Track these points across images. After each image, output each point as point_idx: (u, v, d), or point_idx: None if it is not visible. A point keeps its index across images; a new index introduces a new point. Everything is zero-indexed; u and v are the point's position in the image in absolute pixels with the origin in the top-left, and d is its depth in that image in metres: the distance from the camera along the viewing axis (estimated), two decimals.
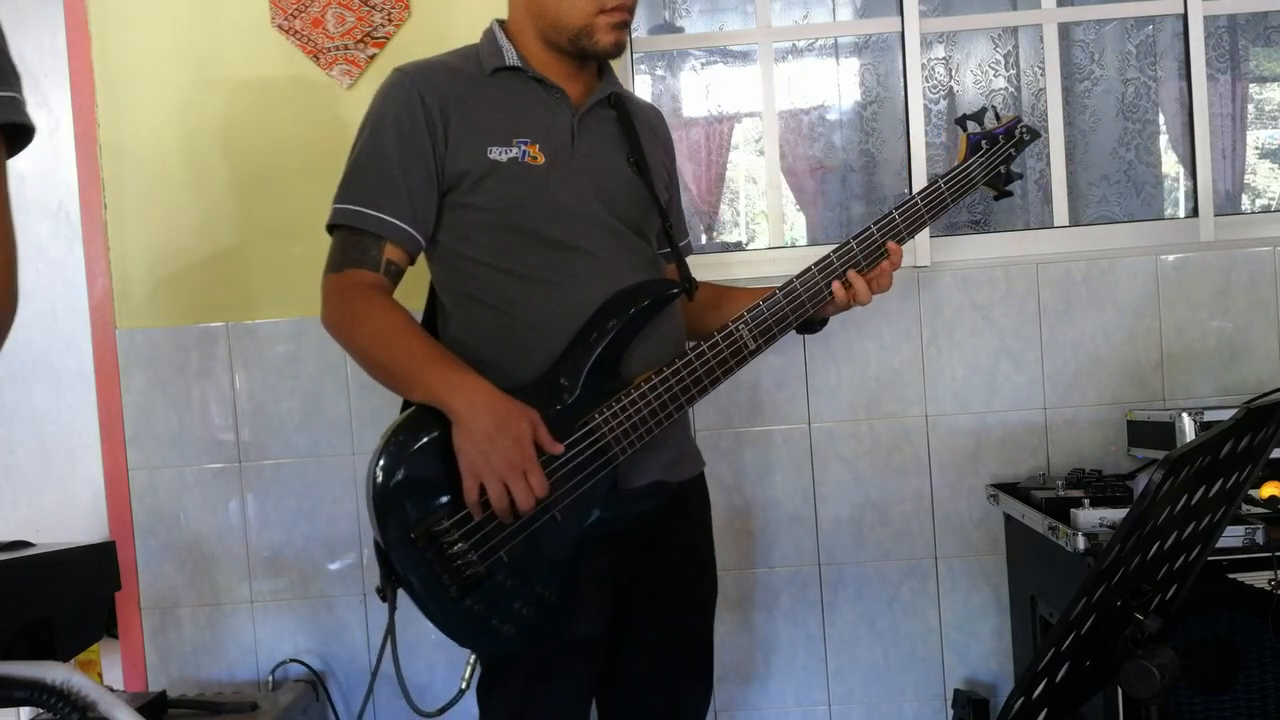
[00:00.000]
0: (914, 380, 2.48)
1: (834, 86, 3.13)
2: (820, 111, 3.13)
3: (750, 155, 3.25)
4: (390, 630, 1.52)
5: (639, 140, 1.70)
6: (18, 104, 0.92)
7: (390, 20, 2.39)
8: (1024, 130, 1.77)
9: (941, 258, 2.53)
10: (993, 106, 1.80)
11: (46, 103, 2.44)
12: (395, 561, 1.46)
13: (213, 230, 2.42)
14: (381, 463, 1.46)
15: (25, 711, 0.82)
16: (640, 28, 2.87)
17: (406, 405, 1.53)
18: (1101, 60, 3.08)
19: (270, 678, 2.40)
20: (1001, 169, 1.75)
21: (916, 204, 1.68)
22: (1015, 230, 2.79)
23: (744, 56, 3.10)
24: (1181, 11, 2.57)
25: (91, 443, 2.44)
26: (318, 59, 2.39)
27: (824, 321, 1.74)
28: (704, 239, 3.15)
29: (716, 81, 3.11)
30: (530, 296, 1.58)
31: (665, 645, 1.72)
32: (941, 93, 3.04)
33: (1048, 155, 2.62)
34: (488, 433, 1.43)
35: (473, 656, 1.55)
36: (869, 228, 1.66)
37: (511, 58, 1.63)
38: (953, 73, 3.08)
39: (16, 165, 0.99)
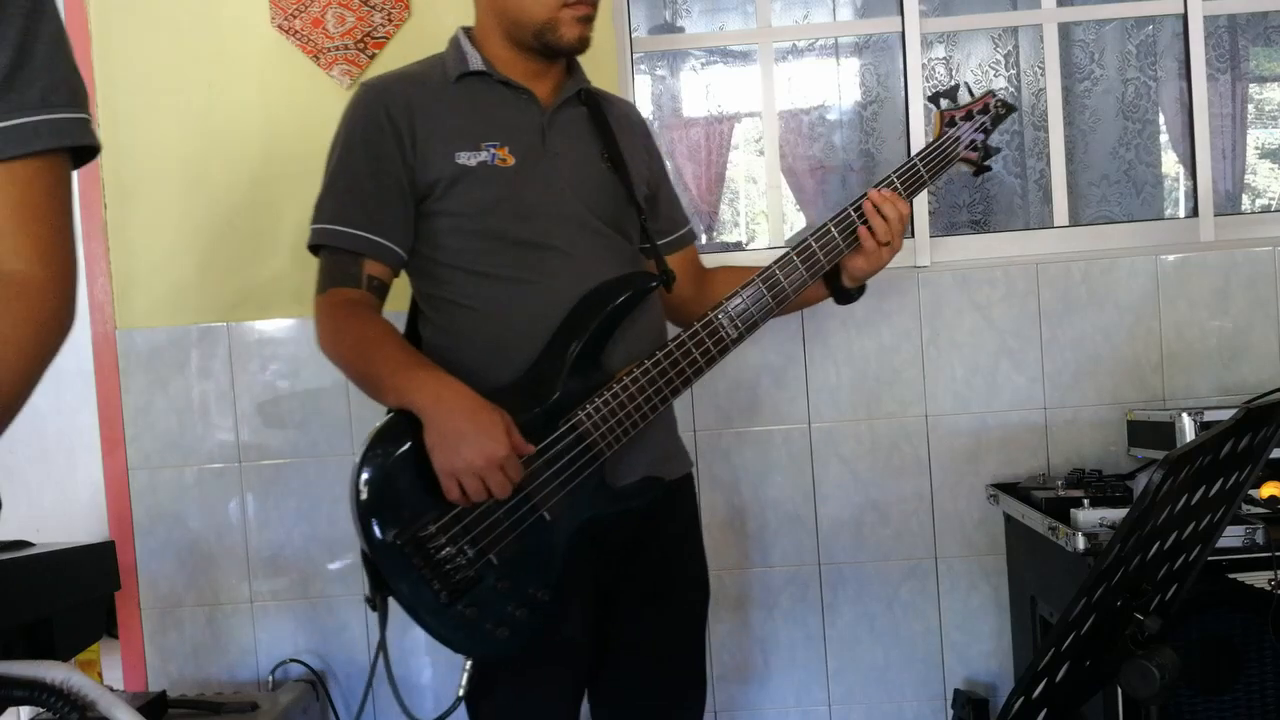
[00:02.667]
0: (914, 380, 2.48)
1: (834, 86, 3.13)
2: (820, 111, 3.14)
3: (750, 155, 3.26)
4: (382, 641, 1.50)
5: (613, 136, 1.68)
6: (88, 125, 0.99)
7: (390, 20, 2.39)
8: (999, 104, 1.76)
9: (941, 258, 2.53)
10: (965, 83, 1.80)
11: None
12: (383, 570, 1.45)
13: (213, 230, 2.42)
14: (363, 474, 1.44)
15: (25, 711, 0.82)
16: (640, 28, 2.87)
17: (389, 413, 1.52)
18: (1101, 60, 3.08)
19: (270, 678, 2.39)
20: (978, 143, 1.75)
21: (894, 183, 1.69)
22: (1015, 230, 2.79)
23: (744, 56, 3.10)
24: (1181, 11, 2.57)
25: (91, 443, 2.44)
26: (318, 59, 2.39)
27: (861, 289, 1.76)
28: (704, 239, 3.15)
29: (716, 81, 3.11)
30: (507, 297, 1.58)
31: (655, 649, 1.70)
32: None
33: (1048, 155, 2.62)
34: (457, 428, 1.42)
35: (468, 663, 1.54)
36: (846, 210, 1.67)
37: (476, 62, 1.63)
38: (953, 73, 3.08)
39: None
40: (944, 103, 1.75)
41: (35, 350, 0.93)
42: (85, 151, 1.00)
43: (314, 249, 1.62)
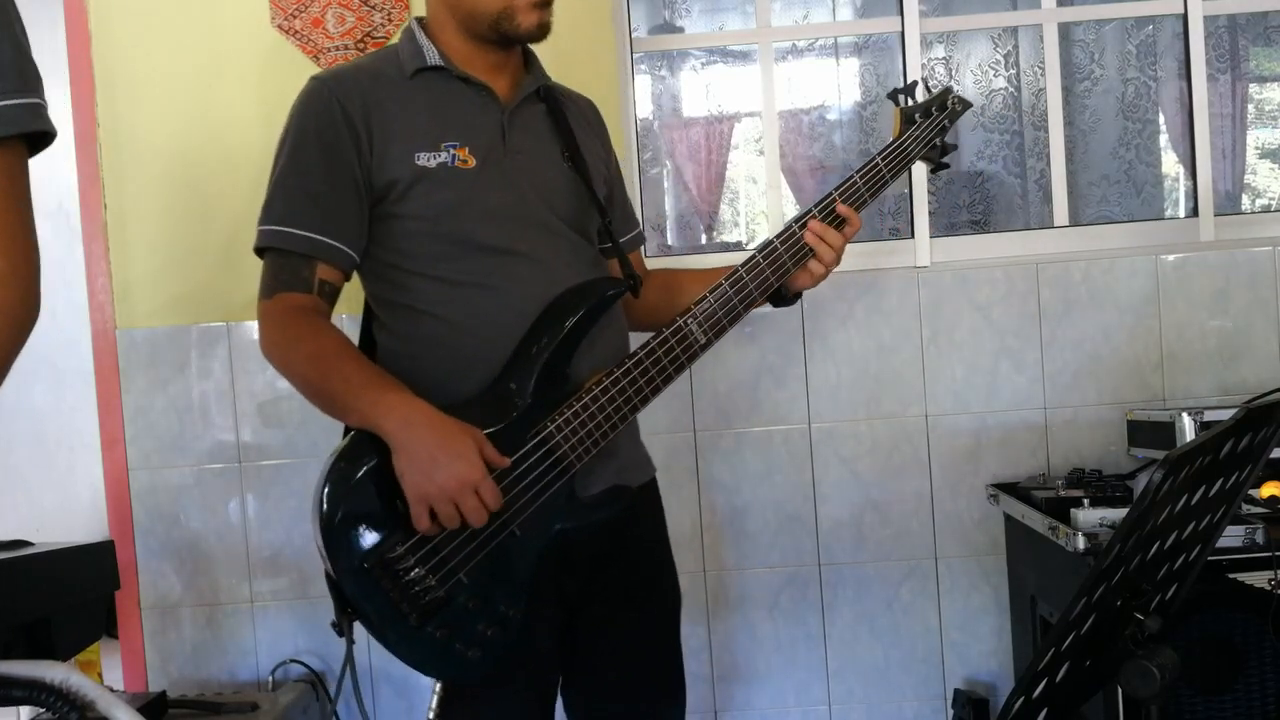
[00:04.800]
0: (914, 380, 2.48)
1: (834, 86, 3.13)
2: (820, 111, 3.14)
3: (750, 155, 3.26)
4: (350, 663, 1.44)
5: (573, 134, 1.63)
6: (41, 110, 0.93)
7: (390, 20, 2.39)
8: (955, 101, 1.76)
9: (941, 258, 2.53)
10: (923, 79, 1.79)
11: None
12: (349, 593, 1.40)
13: (213, 230, 2.42)
14: (326, 493, 1.39)
15: (25, 711, 0.82)
16: (640, 28, 2.87)
17: (349, 431, 1.45)
18: (1101, 60, 3.09)
19: (270, 678, 2.39)
20: (937, 141, 1.74)
21: (856, 182, 1.66)
22: (1015, 230, 2.79)
23: (744, 56, 3.10)
24: (1181, 11, 2.57)
25: (91, 443, 2.44)
26: (318, 59, 2.39)
27: (798, 295, 1.70)
28: (704, 239, 3.16)
29: (716, 81, 3.11)
30: (470, 304, 1.52)
31: (632, 655, 1.67)
32: None
33: (1048, 155, 2.62)
34: (430, 453, 1.36)
35: (438, 685, 1.49)
36: (810, 210, 1.63)
37: (433, 57, 1.56)
38: (953, 73, 3.09)
39: None
40: (903, 100, 1.74)
41: None
42: (40, 138, 0.96)
43: (260, 251, 1.54)
